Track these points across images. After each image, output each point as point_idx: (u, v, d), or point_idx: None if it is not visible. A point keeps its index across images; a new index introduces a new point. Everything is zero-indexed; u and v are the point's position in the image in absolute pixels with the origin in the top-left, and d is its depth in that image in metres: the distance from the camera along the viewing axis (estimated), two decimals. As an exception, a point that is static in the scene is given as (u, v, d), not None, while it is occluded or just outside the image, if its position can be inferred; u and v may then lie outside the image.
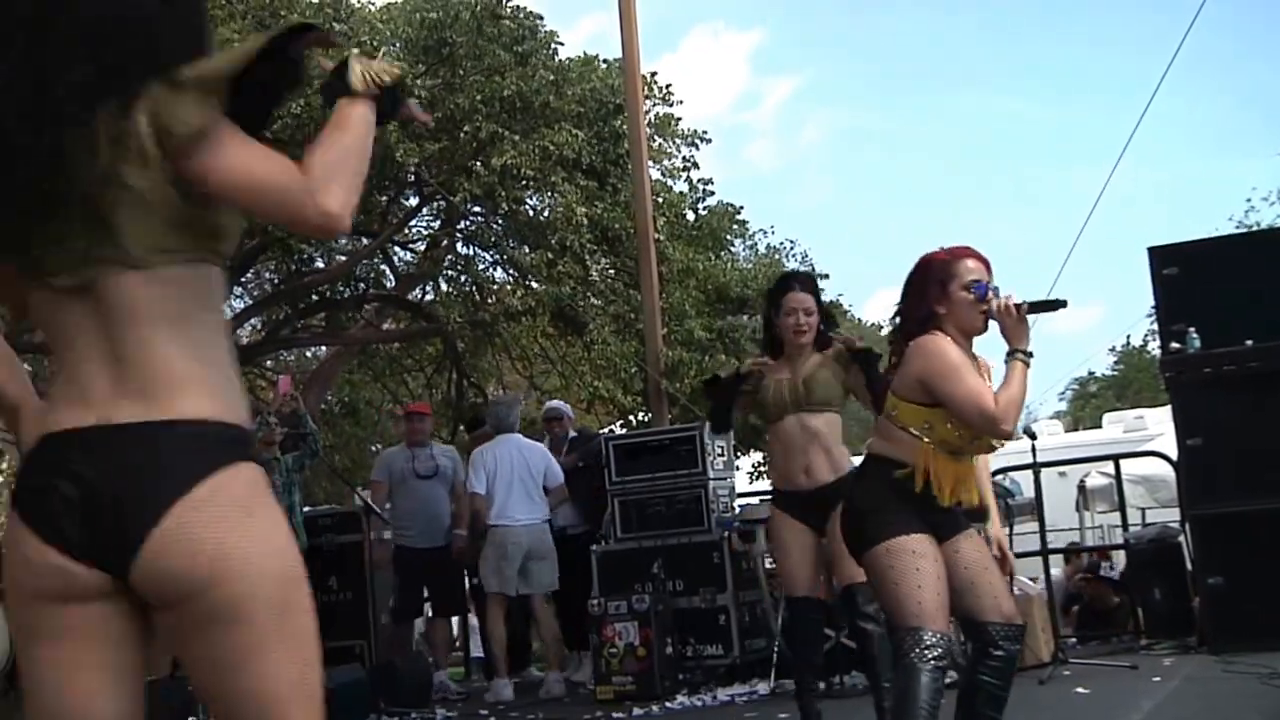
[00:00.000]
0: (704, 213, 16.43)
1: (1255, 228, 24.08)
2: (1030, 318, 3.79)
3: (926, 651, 3.65)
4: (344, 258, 16.76)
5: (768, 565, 8.01)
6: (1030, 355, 3.78)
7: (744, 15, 61.17)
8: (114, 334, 1.87)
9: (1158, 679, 6.55)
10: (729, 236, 16.92)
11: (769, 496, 5.82)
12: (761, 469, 17.38)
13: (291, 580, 1.88)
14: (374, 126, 2.02)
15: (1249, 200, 29.35)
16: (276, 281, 17.39)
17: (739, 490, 9.07)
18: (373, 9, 14.81)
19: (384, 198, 15.21)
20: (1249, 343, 7.31)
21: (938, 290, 3.82)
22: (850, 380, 5.21)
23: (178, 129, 1.81)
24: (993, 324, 3.83)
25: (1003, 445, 4.13)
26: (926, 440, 3.76)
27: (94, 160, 1.80)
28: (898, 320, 3.99)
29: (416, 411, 9.64)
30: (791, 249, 21.61)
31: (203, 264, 1.92)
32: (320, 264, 16.63)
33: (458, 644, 11.69)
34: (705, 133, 16.52)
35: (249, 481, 1.89)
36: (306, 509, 9.22)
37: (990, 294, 3.80)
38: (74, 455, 1.83)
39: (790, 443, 5.18)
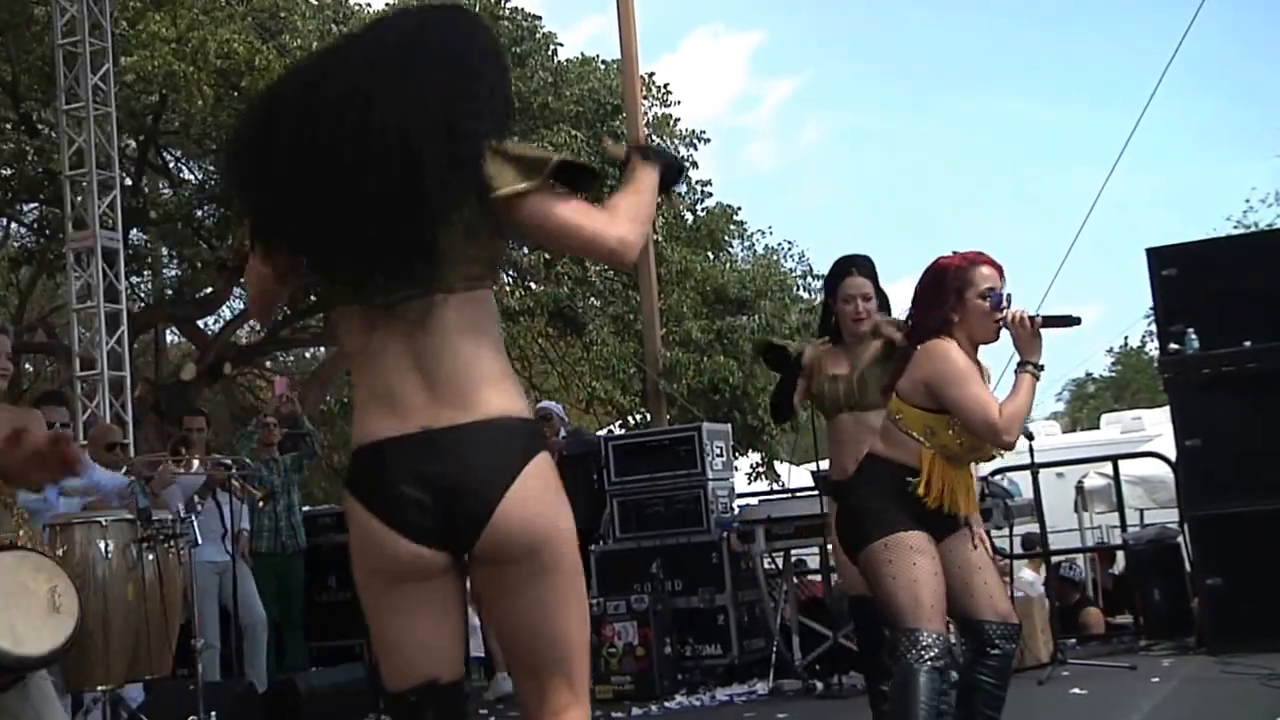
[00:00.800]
0: (702, 214, 16.45)
1: (1254, 229, 24.09)
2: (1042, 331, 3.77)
3: (924, 652, 3.64)
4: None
5: (766, 565, 8.03)
6: (1041, 368, 3.77)
7: (744, 17, 61.17)
8: (425, 348, 2.28)
9: (1156, 680, 6.56)
10: (727, 238, 16.93)
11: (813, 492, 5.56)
12: (760, 470, 17.36)
13: (578, 571, 2.37)
14: (657, 189, 2.51)
15: (1248, 201, 29.37)
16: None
17: (738, 490, 9.08)
18: (371, 10, 14.84)
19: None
20: (1247, 344, 7.32)
21: (953, 297, 3.80)
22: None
23: (502, 189, 2.29)
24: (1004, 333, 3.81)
25: (1001, 455, 4.14)
26: (928, 446, 3.76)
27: (447, 207, 2.24)
28: (909, 325, 3.99)
29: None
30: (790, 249, 21.60)
31: (488, 289, 2.37)
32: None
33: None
34: (704, 133, 16.55)
35: (550, 466, 2.34)
36: (306, 508, 9.22)
37: (1005, 302, 3.77)
38: (407, 459, 2.26)
39: (844, 438, 4.95)
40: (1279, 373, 7.24)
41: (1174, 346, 7.56)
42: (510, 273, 16.04)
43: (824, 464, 9.65)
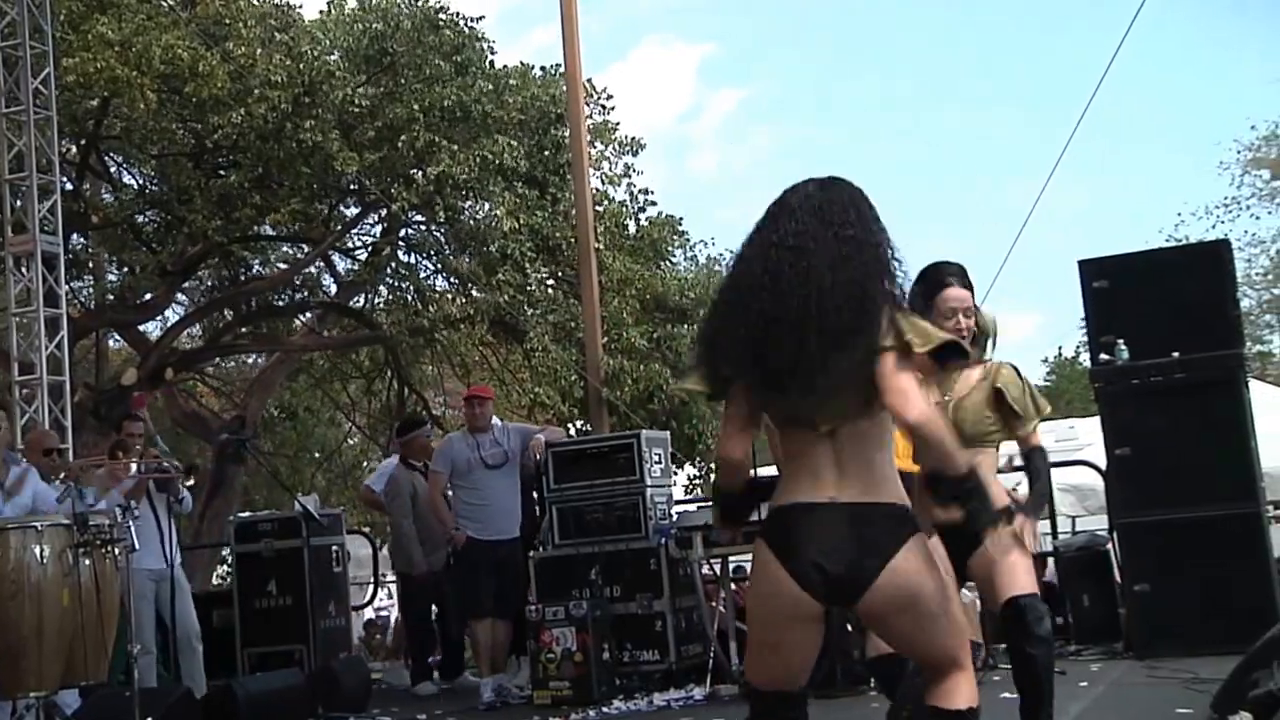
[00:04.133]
0: (645, 223, 16.50)
1: (1184, 241, 24.46)
2: None
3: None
4: (285, 265, 16.71)
5: (704, 572, 8.09)
6: None
7: (696, 27, 61.38)
8: (841, 453, 3.05)
9: (1085, 684, 6.67)
10: (669, 247, 16.95)
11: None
12: (698, 482, 17.31)
13: (948, 598, 3.15)
14: None
15: (1179, 214, 29.82)
16: (214, 285, 17.24)
17: (675, 499, 9.13)
18: (314, 19, 14.80)
19: (324, 206, 15.18)
20: (1175, 354, 7.47)
21: None
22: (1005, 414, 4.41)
23: (880, 344, 2.99)
24: None
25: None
26: None
27: (860, 369, 2.97)
28: None
29: (477, 395, 8.76)
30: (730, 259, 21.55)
31: (884, 414, 3.05)
32: (260, 271, 16.58)
33: (394, 649, 11.70)
34: (640, 139, 16.63)
35: (924, 543, 3.09)
36: (246, 514, 9.19)
37: None
38: (814, 522, 3.00)
39: None
40: (1206, 383, 7.40)
41: (1105, 357, 7.69)
42: (451, 279, 16.03)
43: (761, 472, 9.72)
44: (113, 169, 16.07)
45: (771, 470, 4.97)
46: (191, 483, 8.06)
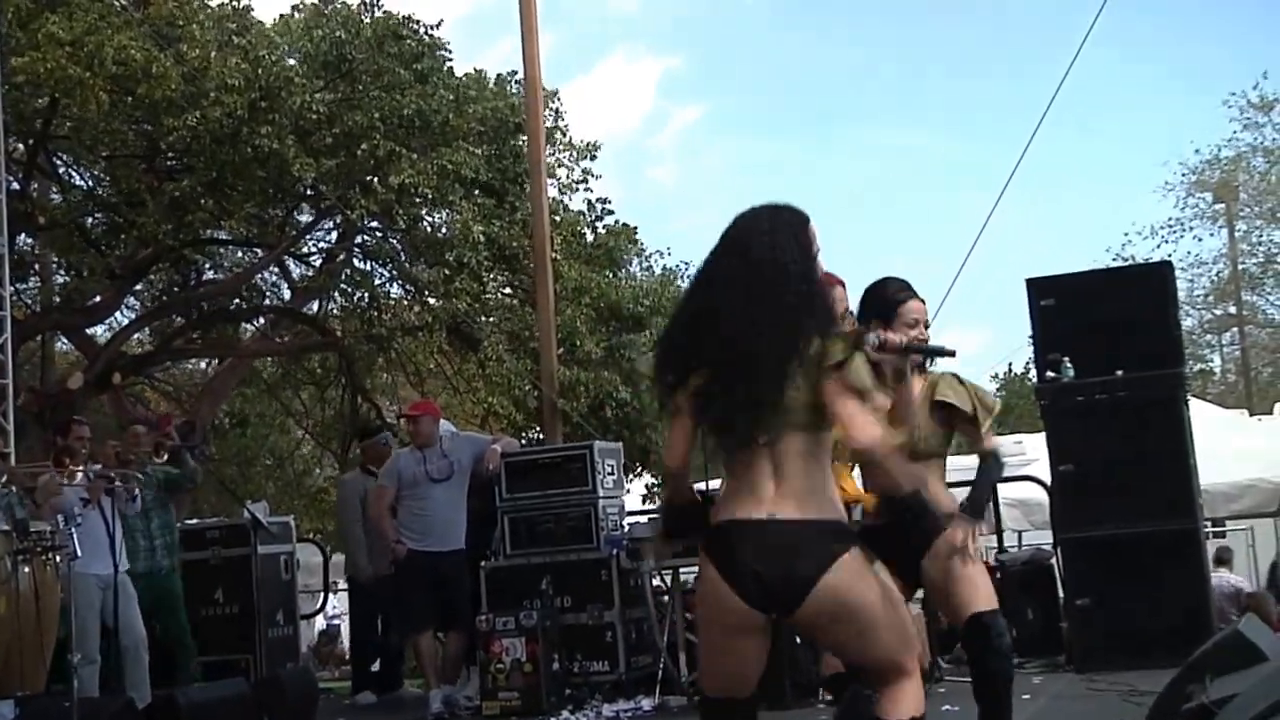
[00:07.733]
0: (601, 231, 16.53)
1: (1131, 261, 24.80)
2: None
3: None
4: (238, 270, 16.60)
5: (654, 583, 8.12)
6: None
7: (660, 42, 61.32)
8: (779, 464, 3.21)
9: (1026, 697, 6.74)
10: (625, 256, 17.00)
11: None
12: (655, 490, 17.37)
13: (892, 604, 3.27)
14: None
15: (1126, 234, 30.20)
16: (165, 289, 17.10)
17: (628, 509, 9.17)
18: (272, 23, 14.72)
19: (279, 211, 15.10)
20: (1119, 373, 7.59)
21: None
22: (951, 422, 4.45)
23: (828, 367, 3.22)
24: None
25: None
26: None
27: (797, 381, 3.18)
28: None
29: (412, 414, 8.64)
30: (687, 270, 21.69)
31: (825, 431, 3.27)
32: (213, 275, 16.47)
33: (346, 658, 11.65)
34: (596, 142, 16.67)
35: (861, 556, 3.22)
36: (194, 521, 9.10)
37: None
38: (753, 536, 3.16)
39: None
40: (1149, 401, 7.53)
41: (1051, 374, 7.80)
42: (408, 287, 15.98)
43: (713, 484, 9.76)
44: (61, 170, 15.90)
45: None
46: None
